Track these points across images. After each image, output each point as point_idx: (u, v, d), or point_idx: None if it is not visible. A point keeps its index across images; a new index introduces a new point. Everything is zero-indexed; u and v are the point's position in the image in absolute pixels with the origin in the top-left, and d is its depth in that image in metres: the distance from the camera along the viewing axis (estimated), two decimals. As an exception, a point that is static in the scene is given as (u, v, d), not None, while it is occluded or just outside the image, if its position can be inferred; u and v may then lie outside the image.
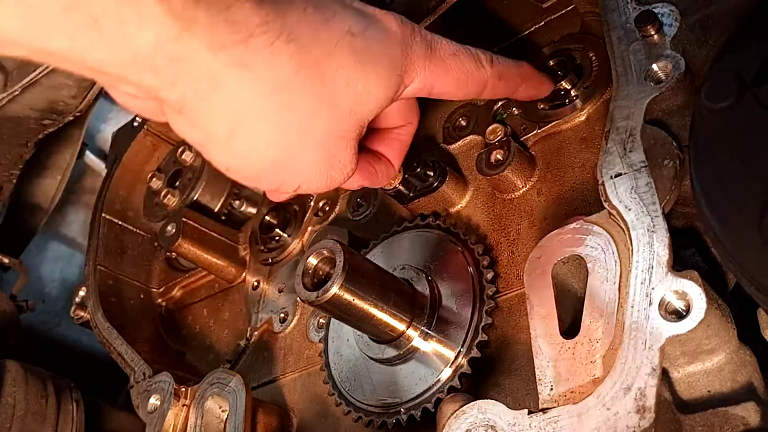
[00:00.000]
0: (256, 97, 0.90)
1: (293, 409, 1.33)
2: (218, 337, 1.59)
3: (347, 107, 0.97)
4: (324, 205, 1.48)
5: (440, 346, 1.11)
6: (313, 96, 0.93)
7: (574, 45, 1.23)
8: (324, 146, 0.97)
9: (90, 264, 1.67)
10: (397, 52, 0.99)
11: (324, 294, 1.02)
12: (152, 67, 0.83)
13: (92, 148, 2.72)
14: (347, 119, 0.97)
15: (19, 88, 1.56)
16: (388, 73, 0.99)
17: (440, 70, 1.04)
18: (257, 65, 0.88)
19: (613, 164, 0.93)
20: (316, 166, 0.98)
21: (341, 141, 0.98)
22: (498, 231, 1.20)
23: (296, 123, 0.93)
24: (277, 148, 0.94)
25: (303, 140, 0.95)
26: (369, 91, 0.97)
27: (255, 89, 0.89)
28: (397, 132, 1.15)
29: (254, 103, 0.90)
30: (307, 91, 0.92)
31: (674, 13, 1.00)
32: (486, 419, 0.88)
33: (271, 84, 0.90)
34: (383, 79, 0.98)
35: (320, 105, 0.94)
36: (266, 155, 0.94)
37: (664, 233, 0.86)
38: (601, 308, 0.89)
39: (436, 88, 1.06)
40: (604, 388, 0.83)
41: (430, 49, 1.03)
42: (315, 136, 0.96)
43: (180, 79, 0.85)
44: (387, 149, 1.15)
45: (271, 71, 0.89)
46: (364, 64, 0.96)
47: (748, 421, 0.88)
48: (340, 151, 0.99)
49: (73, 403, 1.59)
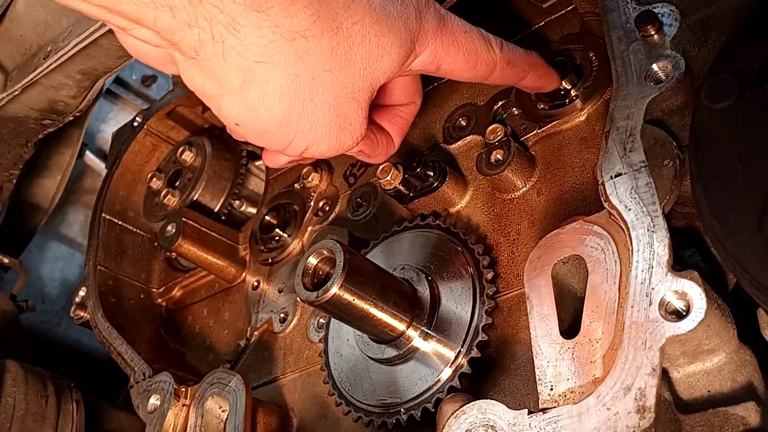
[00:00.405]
0: (272, 45, 0.88)
1: (293, 409, 1.33)
2: (218, 337, 1.59)
3: (361, 65, 0.95)
4: (324, 205, 1.48)
5: (440, 346, 1.11)
6: (328, 48, 0.92)
7: (574, 45, 1.23)
8: (336, 104, 0.95)
9: (90, 264, 1.67)
10: (411, 17, 0.98)
11: (324, 294, 1.02)
12: (170, 5, 0.82)
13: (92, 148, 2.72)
14: (360, 78, 0.96)
15: (19, 88, 1.56)
16: (403, 36, 0.98)
17: (451, 44, 1.03)
18: (275, 11, 0.87)
19: (613, 164, 0.93)
20: (326, 126, 0.96)
21: (353, 101, 0.97)
22: (498, 231, 1.20)
23: (309, 75, 0.92)
24: (288, 100, 0.92)
25: (315, 94, 0.93)
26: (383, 51, 0.96)
27: (271, 35, 0.88)
28: (400, 109, 1.14)
29: (269, 49, 0.88)
30: (323, 43, 0.91)
31: (674, 13, 1.00)
32: (486, 419, 0.88)
33: (287, 31, 0.88)
34: (398, 41, 0.97)
35: (334, 59, 0.93)
36: (278, 107, 0.92)
37: (664, 233, 0.86)
38: (601, 308, 0.89)
39: (445, 63, 1.05)
40: (604, 388, 0.83)
41: (443, 21, 1.02)
42: (328, 91, 0.94)
43: (197, 20, 0.84)
44: (389, 125, 1.14)
45: (288, 18, 0.88)
46: (380, 22, 0.95)
47: (748, 421, 0.88)
48: (352, 111, 0.97)
49: (73, 403, 1.59)
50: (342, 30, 0.92)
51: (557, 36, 1.28)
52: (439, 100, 1.40)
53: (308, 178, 1.50)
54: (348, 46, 0.93)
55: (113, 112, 2.77)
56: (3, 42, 1.56)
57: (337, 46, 0.92)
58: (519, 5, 1.36)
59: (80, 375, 1.78)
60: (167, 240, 1.54)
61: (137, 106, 2.66)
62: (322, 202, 1.48)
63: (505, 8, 1.38)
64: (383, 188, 1.26)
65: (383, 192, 1.29)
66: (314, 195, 1.49)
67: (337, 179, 1.49)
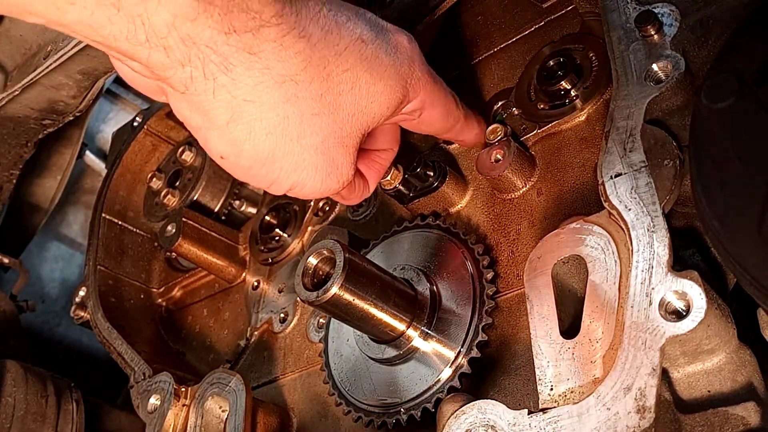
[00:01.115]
0: (261, 85, 0.90)
1: (293, 409, 1.33)
2: (218, 337, 1.59)
3: (350, 111, 0.97)
4: (324, 205, 1.48)
5: (440, 346, 1.11)
6: (317, 93, 0.94)
7: (574, 45, 1.23)
8: (323, 148, 0.97)
9: (90, 264, 1.67)
10: (404, 65, 1.01)
11: (324, 294, 1.02)
12: (165, 45, 0.84)
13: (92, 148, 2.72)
14: (348, 124, 0.98)
15: (19, 88, 1.56)
16: (394, 83, 1.00)
17: (436, 95, 1.08)
18: (266, 54, 0.88)
19: (613, 164, 0.93)
20: (312, 168, 0.98)
21: (340, 146, 0.98)
22: (498, 231, 1.20)
23: (297, 118, 0.93)
24: (274, 139, 0.93)
25: (302, 137, 0.95)
26: (373, 98, 0.98)
27: (261, 77, 0.89)
28: (378, 155, 1.16)
29: (259, 90, 0.90)
30: (312, 88, 0.93)
31: (674, 13, 1.00)
32: (486, 419, 0.88)
33: (277, 74, 0.90)
34: (388, 88, 1.00)
35: (323, 104, 0.94)
36: (263, 145, 0.93)
37: (664, 233, 0.86)
38: (601, 308, 0.89)
39: (426, 113, 1.09)
40: (604, 388, 0.83)
41: (430, 73, 1.06)
42: (315, 134, 0.95)
43: (190, 59, 0.86)
44: (366, 169, 1.15)
45: (279, 62, 0.90)
46: (372, 71, 0.97)
47: (748, 421, 0.88)
48: (339, 156, 0.99)
49: (73, 403, 1.59)
50: (332, 77, 0.94)
51: (557, 36, 1.28)
52: (439, 100, 1.39)
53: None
54: (337, 93, 0.95)
55: (113, 112, 2.77)
56: (3, 42, 1.56)
57: (327, 92, 0.94)
58: (519, 5, 1.36)
59: (80, 375, 1.78)
60: (167, 240, 1.54)
61: (137, 106, 2.66)
62: (322, 202, 1.48)
63: (505, 8, 1.38)
64: (383, 188, 1.26)
65: (383, 192, 1.29)
66: (314, 195, 1.49)
67: (337, 179, 1.49)
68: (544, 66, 1.24)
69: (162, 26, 0.83)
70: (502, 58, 1.34)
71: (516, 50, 1.33)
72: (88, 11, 0.81)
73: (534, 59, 1.27)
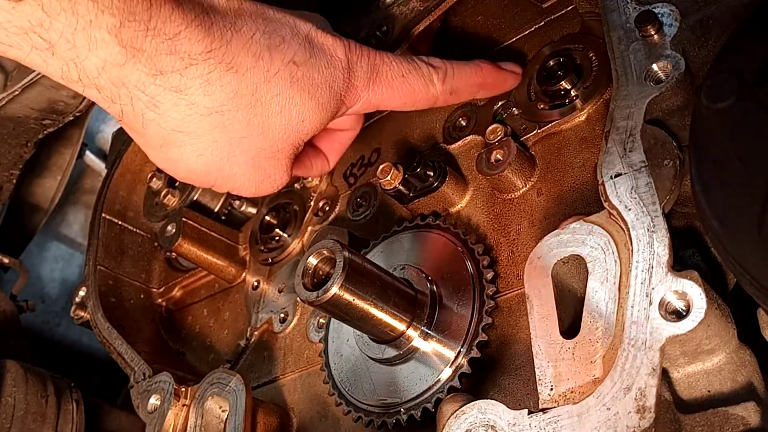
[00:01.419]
0: (188, 119, 0.97)
1: (293, 409, 1.33)
2: (218, 337, 1.59)
3: (280, 130, 1.03)
4: (324, 205, 1.48)
5: (440, 346, 1.11)
6: (244, 120, 1.00)
7: (574, 45, 1.23)
8: (254, 163, 1.05)
9: (90, 264, 1.67)
10: (338, 80, 1.06)
11: (324, 294, 1.02)
12: (96, 85, 0.91)
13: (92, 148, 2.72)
14: (280, 141, 1.04)
15: (19, 88, 1.56)
16: (326, 100, 1.05)
17: (385, 91, 1.11)
18: (192, 91, 0.95)
19: (613, 164, 0.93)
20: (245, 179, 1.06)
21: (272, 159, 1.06)
22: (498, 231, 1.20)
23: (226, 141, 1.00)
24: (205, 159, 1.02)
25: (232, 155, 1.02)
26: (304, 117, 1.04)
27: (187, 111, 0.96)
28: (339, 134, 1.23)
29: (186, 123, 0.97)
30: (240, 115, 0.99)
31: (674, 13, 1.00)
32: (486, 419, 0.88)
33: (203, 107, 0.97)
34: (320, 105, 1.05)
35: (251, 128, 1.01)
36: (195, 164, 1.02)
37: (664, 233, 0.86)
38: (601, 308, 0.89)
39: (381, 106, 1.13)
40: (604, 388, 0.83)
41: (375, 73, 1.10)
42: (245, 153, 1.03)
43: (120, 97, 0.93)
44: (327, 147, 1.23)
45: (205, 96, 0.96)
46: (302, 92, 1.03)
47: (748, 421, 0.88)
48: (271, 167, 1.07)
49: (73, 403, 1.59)
50: (261, 102, 1.00)
51: (557, 36, 1.28)
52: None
53: (308, 178, 1.50)
54: (266, 116, 1.01)
55: (113, 112, 2.77)
56: (3, 42, 1.56)
57: (254, 117, 1.00)
58: (519, 5, 1.36)
59: (80, 375, 1.78)
60: (167, 240, 1.54)
61: (137, 106, 2.65)
62: (322, 202, 1.48)
63: (505, 8, 1.38)
64: (383, 188, 1.26)
65: (383, 192, 1.29)
66: (314, 195, 1.49)
67: (337, 179, 1.49)
68: (544, 66, 1.24)
69: (93, 69, 0.90)
70: (502, 58, 1.34)
71: (516, 50, 1.33)
72: (23, 53, 0.88)
73: (534, 59, 1.27)
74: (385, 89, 1.11)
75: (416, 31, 1.32)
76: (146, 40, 0.90)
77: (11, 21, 0.85)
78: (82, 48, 0.87)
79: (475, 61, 1.20)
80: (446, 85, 1.15)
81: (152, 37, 0.90)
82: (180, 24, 0.92)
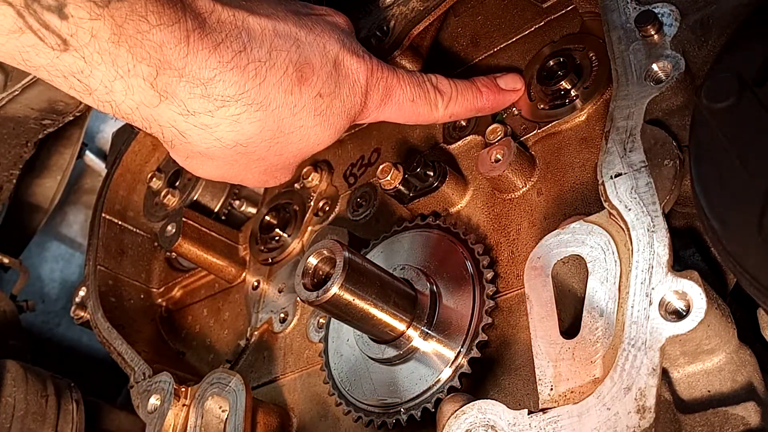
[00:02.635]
0: (213, 148, 1.02)
1: (293, 409, 1.33)
2: (218, 337, 1.59)
3: (296, 152, 1.10)
4: (324, 205, 1.48)
5: (440, 346, 1.11)
6: (264, 148, 1.05)
7: (574, 45, 1.23)
8: (267, 170, 1.13)
9: (90, 264, 1.66)
10: (356, 105, 1.10)
11: (324, 294, 1.02)
12: (129, 119, 0.96)
13: (92, 148, 2.72)
14: (292, 158, 1.12)
15: (19, 88, 1.55)
16: (342, 125, 1.11)
17: (392, 111, 1.15)
18: (221, 129, 0.99)
19: (613, 164, 0.93)
20: (255, 180, 1.15)
21: (284, 169, 1.15)
22: (498, 231, 1.20)
23: (245, 162, 1.07)
24: (222, 172, 1.10)
25: (248, 171, 1.11)
26: (320, 141, 1.10)
27: (215, 144, 1.01)
28: None
29: (210, 150, 1.02)
30: (261, 147, 1.05)
31: (674, 13, 1.00)
32: (486, 419, 0.88)
33: (229, 141, 1.01)
34: (336, 131, 1.11)
35: (270, 152, 1.07)
36: (214, 173, 1.10)
37: (664, 233, 0.86)
38: (601, 308, 0.89)
39: (382, 120, 1.18)
40: (604, 388, 0.83)
41: (389, 96, 1.13)
42: (260, 167, 1.10)
43: (151, 127, 0.99)
44: None
45: (231, 133, 1.00)
46: (324, 122, 1.07)
47: (748, 421, 0.88)
48: (279, 174, 1.16)
49: (73, 403, 1.59)
50: (283, 133, 1.05)
51: (557, 36, 1.28)
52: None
53: (308, 178, 1.50)
54: (286, 144, 1.07)
55: (113, 112, 2.77)
56: (3, 42, 1.56)
57: (275, 145, 1.06)
58: (519, 5, 1.36)
59: (80, 375, 1.78)
60: (167, 240, 1.54)
61: (137, 107, 2.65)
62: (322, 202, 1.48)
63: (505, 8, 1.38)
64: (383, 188, 1.26)
65: (383, 192, 1.29)
66: (314, 195, 1.49)
67: (337, 179, 1.49)
68: (544, 66, 1.24)
69: (127, 109, 0.94)
70: (502, 58, 1.34)
71: (516, 50, 1.33)
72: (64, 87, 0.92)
73: (534, 59, 1.27)
74: (393, 110, 1.15)
75: (416, 31, 1.32)
76: (179, 86, 0.93)
77: (54, 66, 0.88)
78: (118, 93, 0.91)
79: (477, 84, 1.21)
80: (447, 111, 1.19)
81: (186, 82, 0.93)
82: (215, 68, 0.95)
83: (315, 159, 1.53)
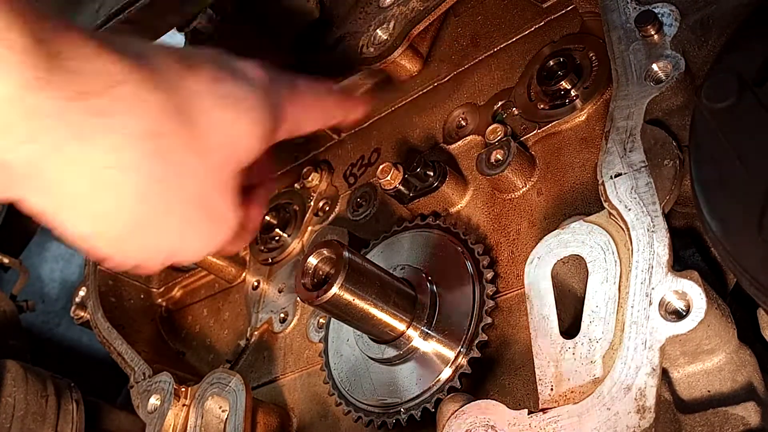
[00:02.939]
0: (120, 147, 0.84)
1: (293, 409, 1.33)
2: (218, 337, 1.59)
3: (220, 150, 0.92)
4: (324, 205, 1.48)
5: (440, 346, 1.11)
6: (182, 140, 0.88)
7: (574, 45, 1.23)
8: (199, 197, 0.91)
9: (90, 264, 1.66)
10: (261, 96, 0.97)
11: (324, 294, 1.02)
12: (5, 123, 0.78)
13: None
14: (219, 166, 0.93)
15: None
16: (258, 115, 0.96)
17: (304, 106, 1.05)
18: (121, 114, 0.83)
19: (613, 164, 0.93)
20: (190, 222, 0.92)
21: (217, 189, 0.93)
22: (498, 231, 1.20)
23: (164, 171, 0.87)
24: (143, 201, 0.87)
25: (172, 191, 0.89)
26: (241, 132, 0.94)
27: (118, 139, 0.83)
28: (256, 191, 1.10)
29: (118, 153, 0.84)
30: (176, 136, 0.88)
31: (674, 13, 1.00)
32: (486, 419, 0.88)
33: (136, 132, 0.84)
34: (254, 121, 0.96)
35: (190, 150, 0.89)
36: (131, 212, 0.87)
37: (664, 233, 0.86)
38: (601, 308, 0.89)
39: (302, 124, 1.06)
40: (604, 388, 0.83)
41: (293, 89, 1.04)
42: (186, 184, 0.90)
43: (35, 133, 0.79)
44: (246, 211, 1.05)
45: (136, 119, 0.84)
46: (234, 106, 0.94)
47: (748, 421, 0.88)
48: (217, 200, 0.94)
49: (73, 403, 1.58)
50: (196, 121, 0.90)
51: (557, 36, 1.28)
52: (439, 100, 1.39)
53: (308, 178, 1.50)
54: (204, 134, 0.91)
55: (113, 112, 2.77)
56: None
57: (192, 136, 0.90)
58: (519, 5, 1.36)
59: (80, 375, 1.78)
60: (167, 240, 1.53)
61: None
62: (322, 202, 1.48)
63: (505, 8, 1.38)
64: (383, 188, 1.26)
65: (383, 192, 1.29)
66: (314, 195, 1.49)
67: (337, 179, 1.49)
68: (544, 66, 1.24)
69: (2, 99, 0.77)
70: (502, 58, 1.34)
71: (516, 50, 1.33)
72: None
73: (534, 59, 1.27)
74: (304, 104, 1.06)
75: (416, 31, 1.32)
76: (60, 61, 0.79)
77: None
78: None
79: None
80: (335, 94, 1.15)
81: (66, 58, 0.79)
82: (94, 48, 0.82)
83: (315, 159, 1.53)
